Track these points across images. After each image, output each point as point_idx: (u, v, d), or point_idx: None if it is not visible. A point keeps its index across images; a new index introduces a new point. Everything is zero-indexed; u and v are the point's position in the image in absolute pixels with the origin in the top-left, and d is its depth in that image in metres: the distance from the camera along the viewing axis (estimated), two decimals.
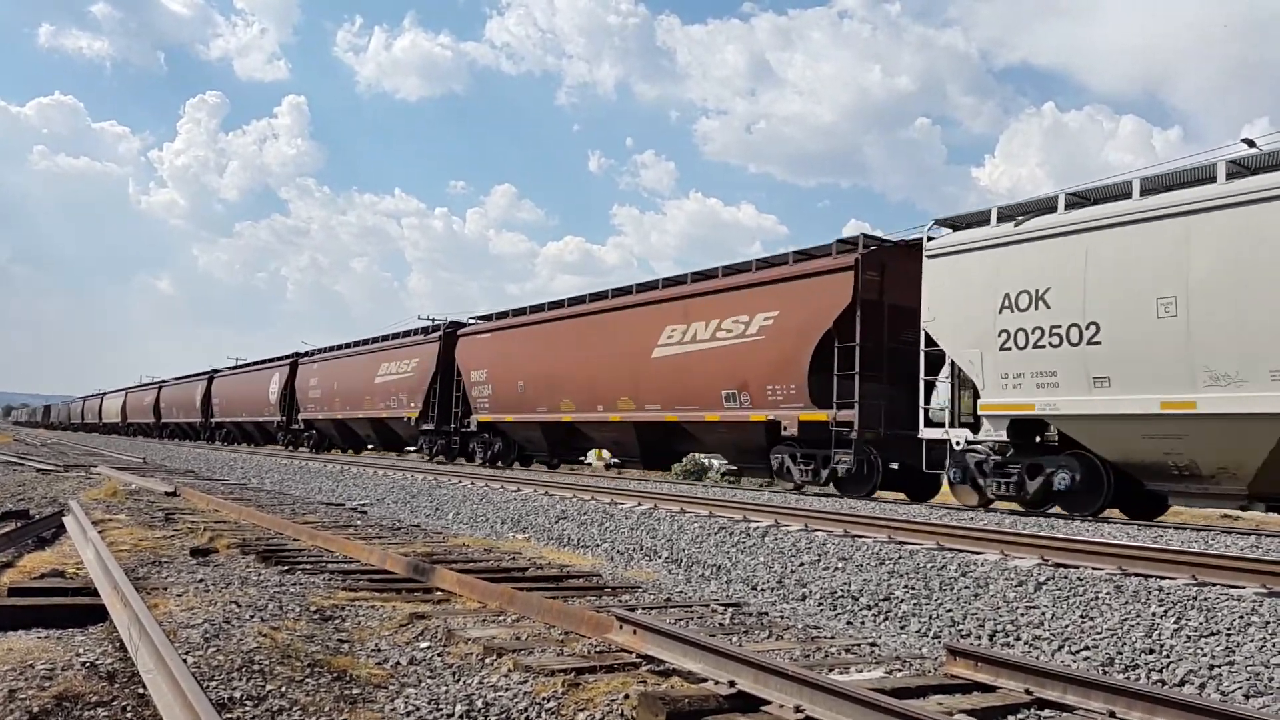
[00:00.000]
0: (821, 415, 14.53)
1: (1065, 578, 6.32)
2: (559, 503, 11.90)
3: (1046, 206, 11.95)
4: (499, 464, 23.49)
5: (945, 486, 14.17)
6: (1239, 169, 10.39)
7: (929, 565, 7.02)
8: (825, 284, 14.61)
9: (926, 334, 12.99)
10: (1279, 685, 4.38)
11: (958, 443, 12.64)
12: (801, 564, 7.55)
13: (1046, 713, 3.82)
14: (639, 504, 11.37)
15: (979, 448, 12.49)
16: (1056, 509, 12.22)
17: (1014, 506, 12.65)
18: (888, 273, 14.33)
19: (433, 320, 27.97)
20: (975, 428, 12.55)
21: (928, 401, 13.17)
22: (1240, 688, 4.41)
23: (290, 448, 36.75)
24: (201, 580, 6.27)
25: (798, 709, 3.49)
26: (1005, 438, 12.15)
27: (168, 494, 13.43)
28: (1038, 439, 12.39)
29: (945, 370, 13.23)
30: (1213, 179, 10.44)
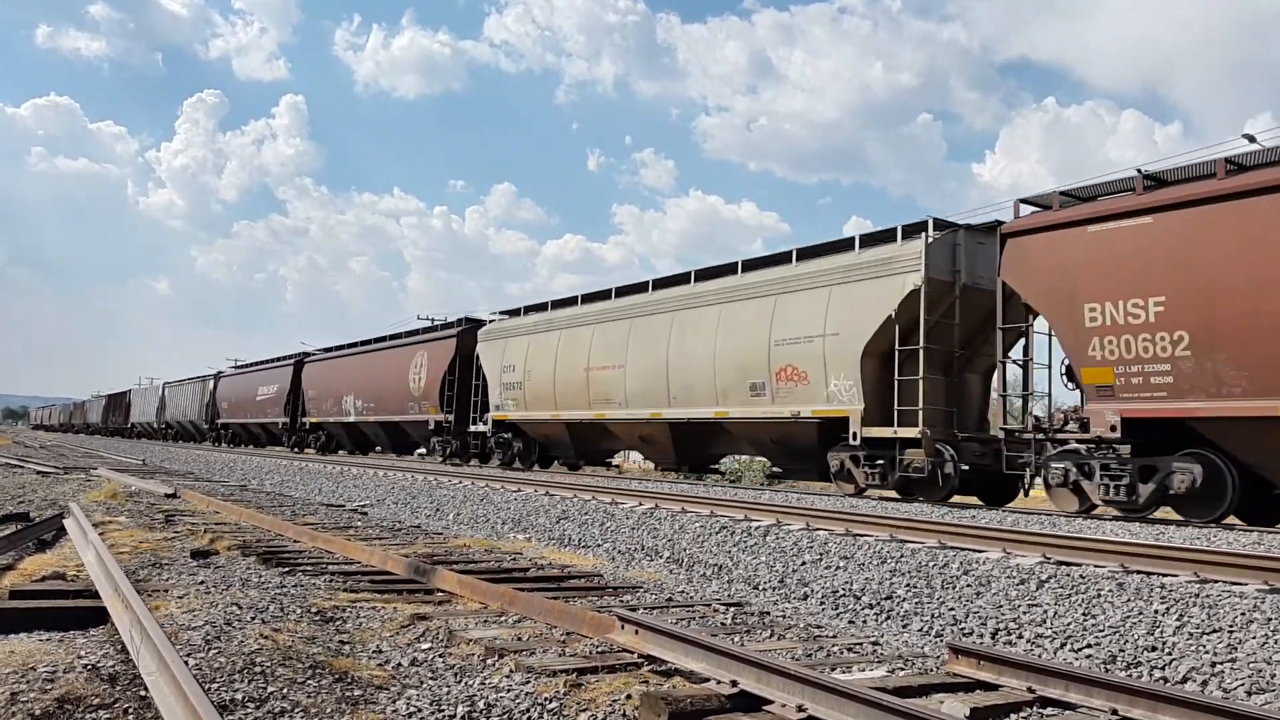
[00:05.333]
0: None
1: (1067, 575, 6.32)
2: (560, 503, 11.90)
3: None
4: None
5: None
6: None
7: (931, 564, 7.02)
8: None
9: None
10: None
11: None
12: (803, 563, 7.55)
13: (1049, 711, 3.82)
14: (640, 504, 11.38)
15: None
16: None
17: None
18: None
19: (440, 319, 33.35)
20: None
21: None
22: (1243, 685, 4.41)
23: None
24: (202, 582, 6.26)
25: (800, 708, 3.49)
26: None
27: (168, 496, 13.41)
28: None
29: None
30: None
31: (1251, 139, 10.73)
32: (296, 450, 35.65)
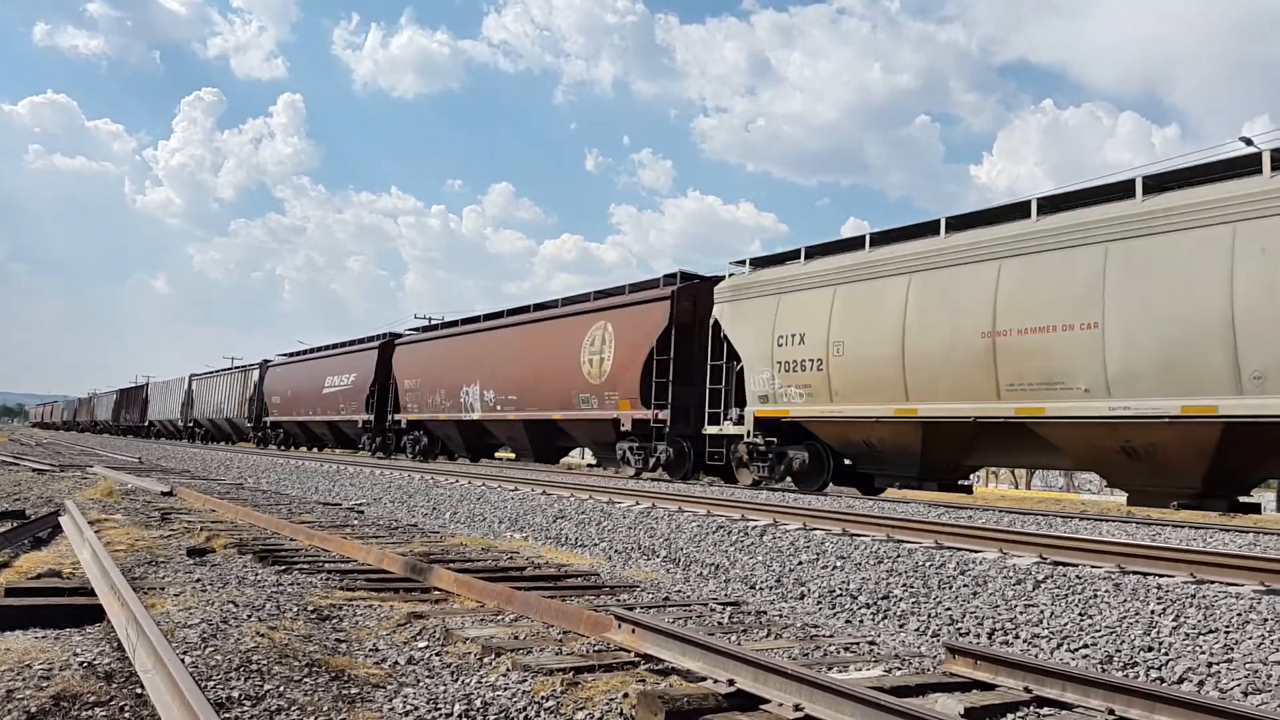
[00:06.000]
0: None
1: (1064, 576, 6.32)
2: (556, 502, 11.89)
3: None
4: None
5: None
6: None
7: (928, 563, 7.02)
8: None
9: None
10: (1277, 682, 4.38)
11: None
12: (800, 563, 7.55)
13: (1046, 710, 3.82)
14: (637, 503, 11.37)
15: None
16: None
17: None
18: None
19: (438, 319, 29.97)
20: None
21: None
22: (1239, 685, 4.41)
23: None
24: (199, 580, 6.25)
25: (797, 707, 3.49)
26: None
27: (164, 494, 13.41)
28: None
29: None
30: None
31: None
32: (382, 456, 28.65)
